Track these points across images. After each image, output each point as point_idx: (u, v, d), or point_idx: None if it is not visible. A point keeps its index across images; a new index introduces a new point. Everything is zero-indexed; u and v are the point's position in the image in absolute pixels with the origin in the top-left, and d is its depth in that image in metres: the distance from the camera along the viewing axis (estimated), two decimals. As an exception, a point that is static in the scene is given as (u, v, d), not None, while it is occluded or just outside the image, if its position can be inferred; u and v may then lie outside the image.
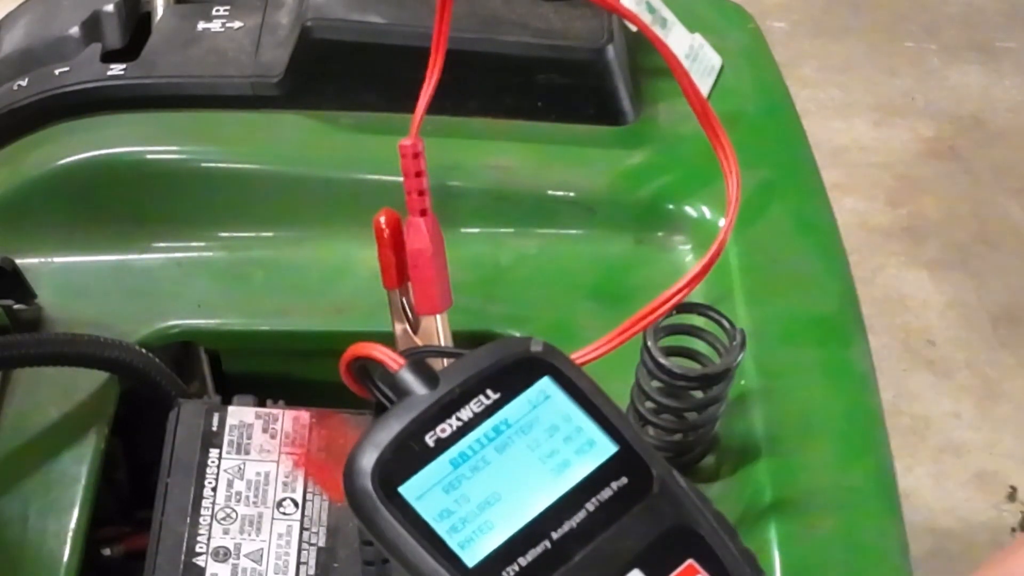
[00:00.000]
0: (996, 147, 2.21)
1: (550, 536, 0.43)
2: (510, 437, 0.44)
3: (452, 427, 0.44)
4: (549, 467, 0.44)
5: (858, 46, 2.40)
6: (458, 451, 0.44)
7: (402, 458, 0.43)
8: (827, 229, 0.80)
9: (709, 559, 0.44)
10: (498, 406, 0.45)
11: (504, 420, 0.45)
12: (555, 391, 0.45)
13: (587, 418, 0.45)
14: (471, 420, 0.44)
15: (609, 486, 0.44)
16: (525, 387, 0.45)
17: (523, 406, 0.45)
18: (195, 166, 0.79)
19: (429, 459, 0.44)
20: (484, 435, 0.44)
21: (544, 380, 0.46)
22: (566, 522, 0.43)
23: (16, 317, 0.72)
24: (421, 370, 0.45)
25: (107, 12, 0.86)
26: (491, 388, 0.45)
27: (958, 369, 1.86)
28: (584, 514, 0.44)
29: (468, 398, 0.45)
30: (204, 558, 0.59)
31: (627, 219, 0.79)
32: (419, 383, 0.45)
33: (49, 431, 0.68)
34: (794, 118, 0.88)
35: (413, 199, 0.62)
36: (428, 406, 0.44)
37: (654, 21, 0.84)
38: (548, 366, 0.46)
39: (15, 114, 0.81)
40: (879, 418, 0.69)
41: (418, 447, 0.44)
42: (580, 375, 0.46)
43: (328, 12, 0.80)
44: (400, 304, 0.65)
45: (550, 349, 0.46)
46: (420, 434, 0.44)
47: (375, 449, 0.43)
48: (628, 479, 0.44)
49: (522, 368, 0.46)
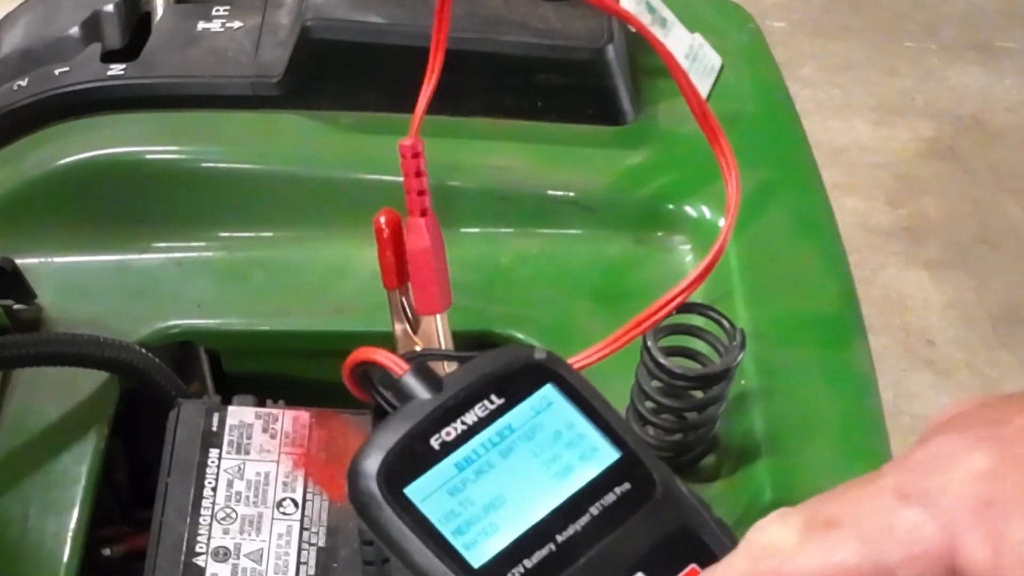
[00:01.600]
0: (996, 147, 2.21)
1: (555, 539, 0.43)
2: (514, 442, 0.45)
3: (457, 431, 0.44)
4: (553, 472, 0.44)
5: (858, 46, 2.40)
6: (463, 454, 0.44)
7: (407, 460, 0.43)
8: (827, 229, 0.80)
9: (712, 563, 0.44)
10: (502, 411, 0.45)
11: (508, 425, 0.45)
12: (558, 398, 0.46)
13: (590, 425, 0.45)
14: (475, 424, 0.44)
15: (612, 491, 0.44)
16: (528, 393, 0.45)
17: (526, 412, 0.45)
18: (195, 166, 0.79)
19: (434, 462, 0.44)
20: (488, 439, 0.44)
21: (547, 387, 0.46)
22: (570, 526, 0.43)
23: (16, 317, 0.72)
24: (425, 375, 0.45)
25: (107, 12, 0.86)
26: (495, 393, 0.45)
27: (958, 369, 1.86)
28: (588, 518, 0.44)
29: (472, 403, 0.45)
30: (204, 558, 0.59)
31: (627, 219, 0.79)
32: (423, 387, 0.45)
33: (49, 431, 0.68)
34: (794, 118, 0.88)
35: (413, 199, 0.62)
36: (432, 410, 0.44)
37: (654, 21, 0.84)
38: (551, 373, 0.46)
39: (15, 114, 0.81)
40: (879, 418, 0.69)
41: (423, 450, 0.44)
42: (583, 383, 0.46)
43: (328, 12, 0.80)
44: (400, 304, 0.65)
45: (553, 357, 0.47)
46: (425, 437, 0.44)
47: (380, 452, 0.43)
48: (631, 485, 0.44)
49: (525, 375, 0.46)
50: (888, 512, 0.37)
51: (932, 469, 0.37)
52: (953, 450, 0.37)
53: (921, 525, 0.36)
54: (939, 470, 0.37)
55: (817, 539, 0.38)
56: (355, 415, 0.66)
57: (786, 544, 0.38)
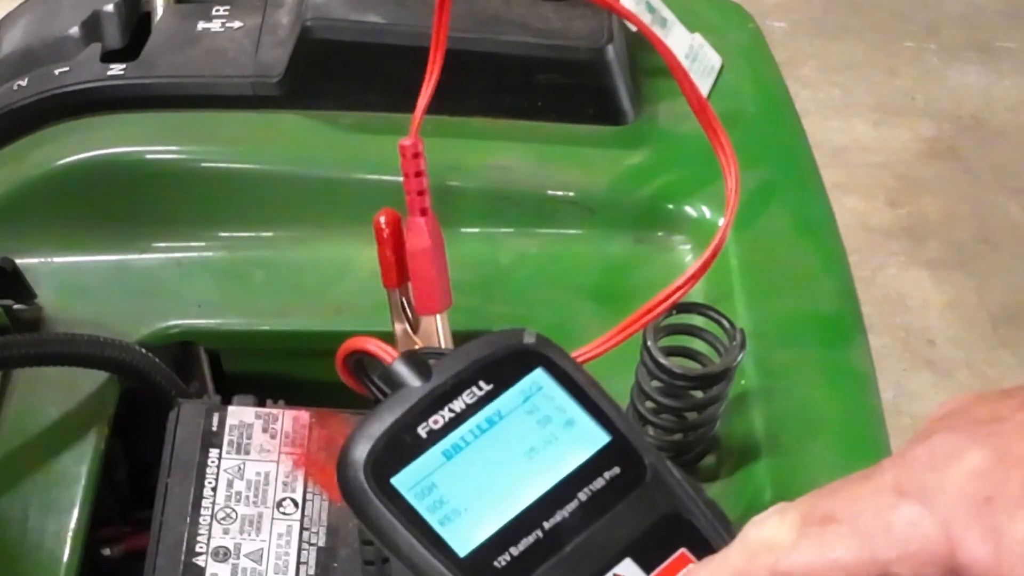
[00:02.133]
0: (996, 147, 2.21)
1: (542, 526, 0.43)
2: (503, 428, 0.45)
3: (445, 418, 0.44)
4: (541, 457, 0.44)
5: (858, 46, 2.40)
6: (451, 442, 0.44)
7: (395, 450, 0.44)
8: (827, 229, 0.80)
9: (702, 548, 0.44)
10: (491, 397, 0.45)
11: (497, 411, 0.45)
12: (548, 382, 0.46)
13: (580, 409, 0.45)
14: (464, 411, 0.44)
15: (601, 476, 0.44)
16: (518, 378, 0.45)
17: (516, 397, 0.45)
18: (195, 166, 0.79)
19: (421, 450, 0.44)
20: (477, 426, 0.44)
21: (537, 371, 0.46)
22: (558, 512, 0.43)
23: (16, 317, 0.72)
24: (414, 362, 0.45)
25: (107, 12, 0.86)
26: (484, 379, 0.45)
27: (958, 369, 1.86)
28: (576, 504, 0.44)
29: (461, 389, 0.45)
30: (204, 558, 0.59)
31: (627, 219, 0.79)
32: (412, 375, 0.45)
33: (49, 431, 0.68)
34: (794, 118, 0.88)
35: (413, 199, 0.62)
36: (421, 398, 0.45)
37: (654, 21, 0.84)
38: (541, 357, 0.46)
39: (15, 114, 0.81)
40: (879, 418, 0.69)
41: (411, 439, 0.44)
42: (573, 366, 0.46)
43: (328, 12, 0.80)
44: (400, 304, 0.65)
45: (543, 340, 0.46)
46: (413, 426, 0.44)
47: (368, 441, 0.44)
48: (620, 469, 0.44)
49: (515, 359, 0.46)
50: (886, 509, 0.37)
51: (930, 466, 0.37)
52: (951, 447, 0.37)
53: (919, 522, 0.36)
54: (937, 467, 0.36)
55: (814, 535, 0.38)
56: (355, 415, 0.66)
57: (783, 540, 0.38)
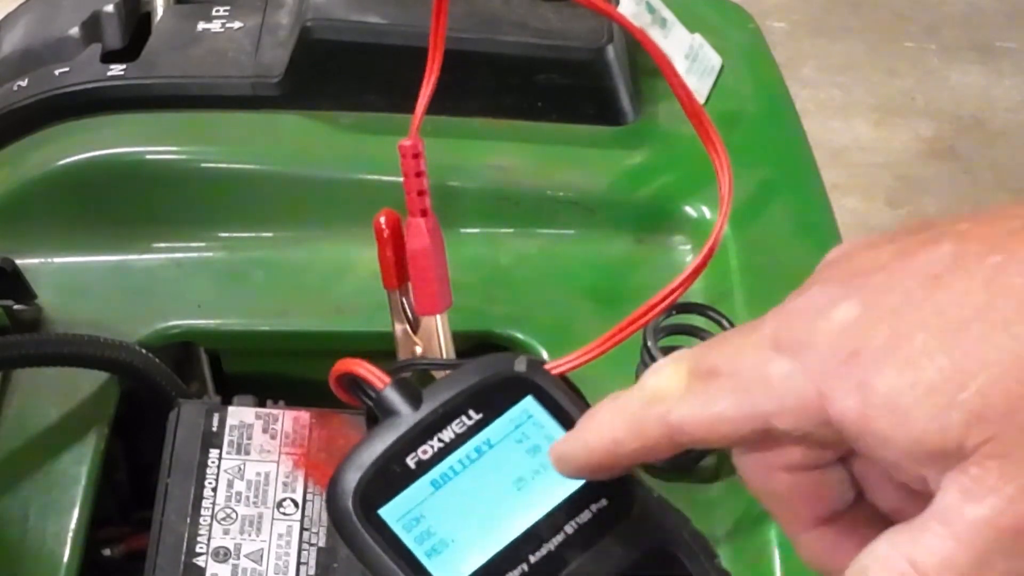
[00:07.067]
0: (996, 147, 2.21)
1: (528, 559, 0.43)
2: (491, 458, 0.44)
3: (433, 448, 0.44)
4: (530, 488, 0.44)
5: (858, 46, 2.40)
6: (439, 473, 0.44)
7: (383, 480, 0.44)
8: (827, 229, 0.80)
9: None
10: (480, 427, 0.45)
11: (486, 440, 0.45)
12: (538, 410, 0.45)
13: None
14: (452, 441, 0.44)
15: (588, 508, 0.44)
16: (508, 407, 0.45)
17: (505, 426, 0.45)
18: (195, 166, 0.79)
19: (409, 481, 0.44)
20: (465, 456, 0.44)
21: (527, 399, 0.45)
22: (544, 545, 0.43)
23: (16, 317, 0.72)
24: (405, 389, 0.46)
25: (107, 12, 0.86)
26: (473, 408, 0.45)
27: (958, 369, 1.86)
28: (563, 537, 0.44)
29: (450, 419, 0.45)
30: (204, 558, 0.59)
31: (627, 219, 0.79)
32: (403, 402, 0.45)
33: (49, 431, 0.68)
34: (794, 118, 0.88)
35: (413, 199, 0.62)
36: (410, 427, 0.45)
37: (654, 21, 0.84)
38: (531, 385, 0.46)
39: (15, 114, 0.81)
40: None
41: (399, 469, 0.44)
42: (564, 394, 0.46)
43: (328, 12, 0.80)
44: (400, 304, 0.65)
45: (534, 367, 0.46)
46: (402, 456, 0.44)
47: (357, 470, 0.44)
48: (607, 501, 0.44)
49: (505, 387, 0.46)
50: (763, 363, 0.36)
51: (804, 319, 0.36)
52: (824, 299, 0.36)
53: (792, 376, 0.36)
54: (810, 320, 0.36)
55: (699, 388, 0.38)
56: (355, 415, 0.66)
57: (673, 390, 0.38)
